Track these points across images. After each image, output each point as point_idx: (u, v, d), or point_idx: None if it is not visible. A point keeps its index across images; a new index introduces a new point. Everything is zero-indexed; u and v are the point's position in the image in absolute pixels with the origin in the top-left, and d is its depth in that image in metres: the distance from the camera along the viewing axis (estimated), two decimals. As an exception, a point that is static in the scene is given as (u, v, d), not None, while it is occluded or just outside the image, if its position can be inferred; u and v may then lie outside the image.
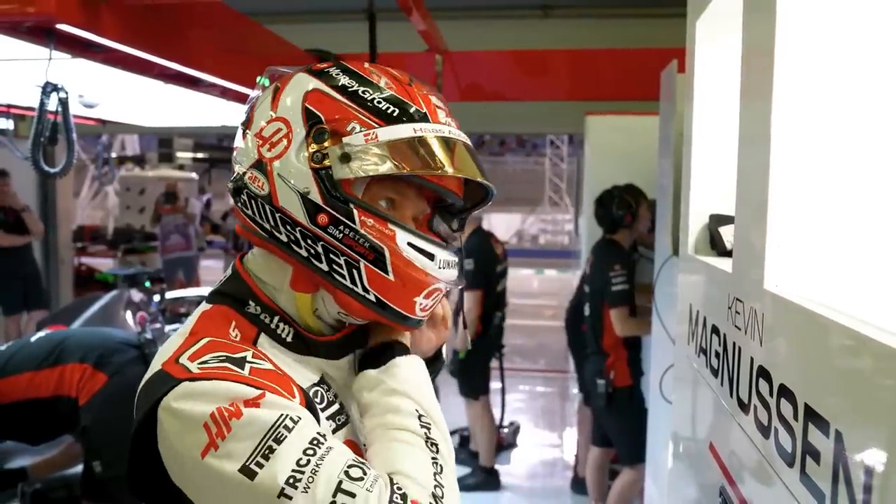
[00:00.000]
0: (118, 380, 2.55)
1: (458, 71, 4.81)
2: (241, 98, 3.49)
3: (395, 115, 0.94)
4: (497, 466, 4.81)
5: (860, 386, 0.80)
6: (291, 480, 0.80)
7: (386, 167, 0.92)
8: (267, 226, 0.97)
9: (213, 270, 10.61)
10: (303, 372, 0.98)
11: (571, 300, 4.74)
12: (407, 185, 0.98)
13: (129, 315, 4.29)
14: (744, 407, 1.23)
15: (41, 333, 2.90)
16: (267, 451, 0.81)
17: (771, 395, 1.06)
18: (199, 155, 13.70)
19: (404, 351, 1.02)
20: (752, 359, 1.19)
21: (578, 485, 4.56)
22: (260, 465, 0.80)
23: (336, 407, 1.00)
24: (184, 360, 0.89)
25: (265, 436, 0.81)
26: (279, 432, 0.82)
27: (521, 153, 26.33)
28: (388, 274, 0.95)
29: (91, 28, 2.16)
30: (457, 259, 1.02)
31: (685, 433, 1.95)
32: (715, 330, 1.50)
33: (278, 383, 0.88)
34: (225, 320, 0.98)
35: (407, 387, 0.96)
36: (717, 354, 1.46)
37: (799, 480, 0.93)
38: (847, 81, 1.05)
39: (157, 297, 4.71)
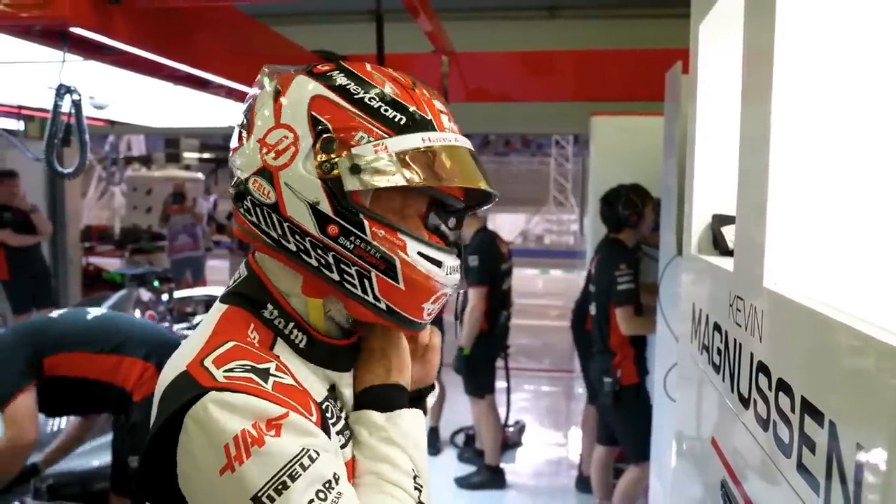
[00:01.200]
0: None
1: (465, 72, 4.82)
2: (248, 99, 3.51)
3: (402, 123, 0.94)
4: (502, 465, 4.82)
5: (854, 379, 0.83)
6: None
7: (397, 179, 0.92)
8: (274, 234, 0.96)
9: (218, 270, 10.62)
10: (316, 383, 0.99)
11: (577, 300, 4.76)
12: (412, 191, 0.98)
13: (137, 314, 4.34)
14: (744, 401, 1.25)
15: (97, 311, 2.90)
16: (280, 486, 0.82)
17: (770, 389, 1.09)
18: (206, 155, 13.79)
19: (407, 397, 1.04)
20: (752, 354, 1.21)
21: (583, 483, 4.58)
22: (272, 499, 0.82)
23: (343, 422, 1.01)
24: (209, 363, 0.89)
25: (280, 470, 0.83)
26: (294, 469, 0.83)
27: (527, 153, 26.37)
28: (398, 283, 0.96)
29: (103, 31, 2.19)
30: (459, 262, 1.03)
31: (689, 430, 1.97)
32: (717, 327, 1.53)
33: (298, 401, 0.89)
34: (244, 323, 0.98)
35: (407, 442, 0.99)
36: (719, 351, 1.49)
37: (796, 470, 0.96)
38: (845, 83, 1.07)
39: (165, 297, 4.77)
